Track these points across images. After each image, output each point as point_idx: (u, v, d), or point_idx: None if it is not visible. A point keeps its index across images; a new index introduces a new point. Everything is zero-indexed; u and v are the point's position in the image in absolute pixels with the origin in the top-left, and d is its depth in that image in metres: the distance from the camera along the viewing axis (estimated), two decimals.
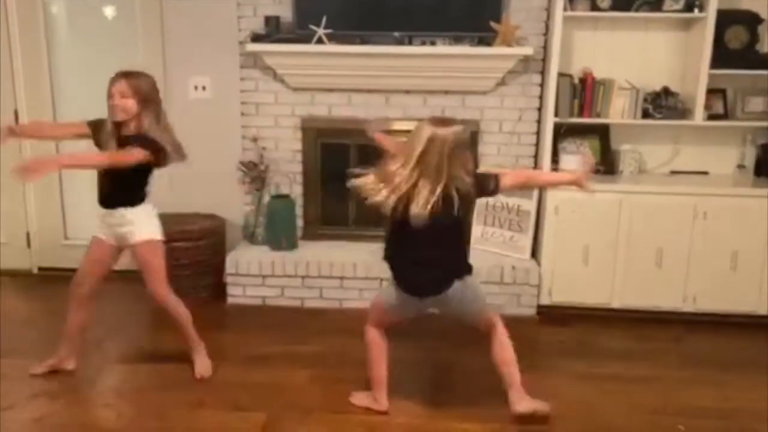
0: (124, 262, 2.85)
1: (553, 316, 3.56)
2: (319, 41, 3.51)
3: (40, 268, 4.14)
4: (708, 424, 2.55)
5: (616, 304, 3.54)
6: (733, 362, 3.10)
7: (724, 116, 3.65)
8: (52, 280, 4.00)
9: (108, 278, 2.81)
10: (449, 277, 2.38)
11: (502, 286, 3.57)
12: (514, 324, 3.44)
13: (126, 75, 2.56)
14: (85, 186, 4.04)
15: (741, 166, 3.77)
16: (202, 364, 2.85)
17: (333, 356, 3.05)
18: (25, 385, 2.74)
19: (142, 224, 2.69)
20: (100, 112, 4.01)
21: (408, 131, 2.46)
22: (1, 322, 3.37)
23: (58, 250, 4.11)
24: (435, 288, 2.39)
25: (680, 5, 3.46)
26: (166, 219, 3.69)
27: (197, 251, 3.61)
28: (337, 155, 3.88)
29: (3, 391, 2.69)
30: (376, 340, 2.56)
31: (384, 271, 3.66)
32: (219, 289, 3.72)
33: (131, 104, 2.55)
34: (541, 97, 3.73)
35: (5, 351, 3.04)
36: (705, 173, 3.76)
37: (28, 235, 4.12)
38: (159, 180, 3.16)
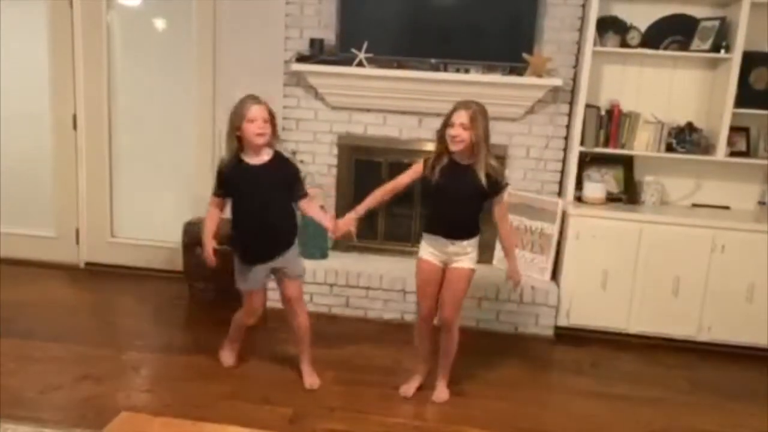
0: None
1: (569, 337, 3.68)
2: (360, 64, 3.74)
3: (86, 263, 4.40)
4: None
5: (631, 329, 3.65)
6: (743, 392, 3.18)
7: (747, 154, 3.75)
8: (97, 275, 4.27)
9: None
10: None
11: (521, 306, 3.72)
12: (530, 342, 3.61)
13: None
14: (133, 186, 4.34)
15: (762, 203, 3.86)
16: None
17: (356, 361, 3.24)
18: (74, 368, 2.97)
19: None
20: (155, 118, 4.30)
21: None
22: (52, 311, 3.64)
23: (104, 246, 4.38)
24: None
25: (707, 45, 3.60)
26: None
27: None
28: (369, 171, 4.08)
29: (53, 372, 2.93)
30: None
31: (408, 283, 3.82)
32: None
33: None
34: (568, 127, 3.88)
35: (56, 336, 3.30)
36: (726, 208, 3.86)
37: (77, 231, 4.39)
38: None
